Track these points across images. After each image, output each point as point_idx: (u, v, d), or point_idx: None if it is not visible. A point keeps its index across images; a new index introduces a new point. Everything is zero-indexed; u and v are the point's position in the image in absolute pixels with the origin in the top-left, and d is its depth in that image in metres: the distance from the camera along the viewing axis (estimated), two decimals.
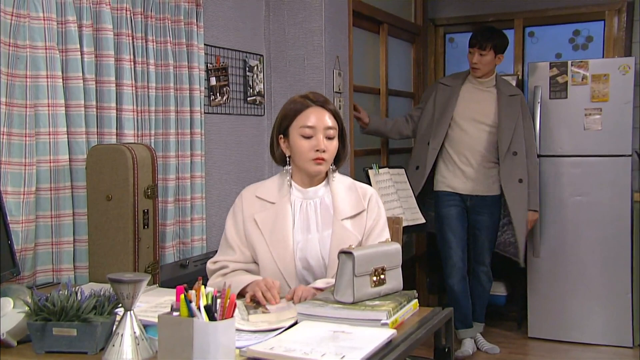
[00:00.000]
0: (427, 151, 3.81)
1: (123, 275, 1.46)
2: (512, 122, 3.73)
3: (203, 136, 3.04)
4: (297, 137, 2.04)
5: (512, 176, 3.74)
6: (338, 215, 2.08)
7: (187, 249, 2.99)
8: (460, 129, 3.77)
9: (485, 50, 3.71)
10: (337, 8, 3.66)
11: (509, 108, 3.75)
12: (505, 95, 3.77)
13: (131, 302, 1.47)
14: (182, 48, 2.88)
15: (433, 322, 1.84)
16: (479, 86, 3.82)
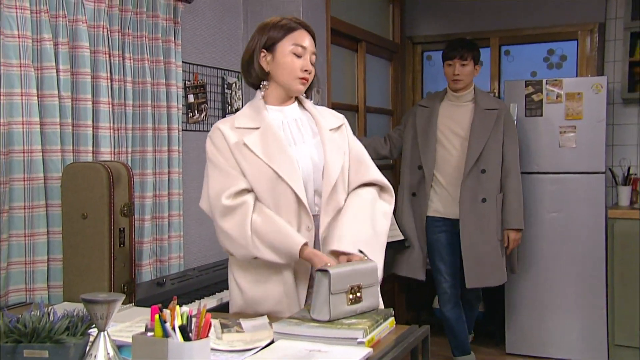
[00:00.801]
0: (420, 176, 3.73)
1: (97, 295, 1.44)
2: (482, 137, 3.59)
3: (181, 153, 3.03)
4: (288, 54, 2.01)
5: (474, 195, 3.61)
6: (322, 127, 2.07)
7: (164, 267, 2.96)
8: (444, 148, 3.70)
9: (467, 60, 3.63)
10: (315, 26, 3.67)
11: (482, 122, 3.62)
12: (481, 109, 3.65)
13: (105, 323, 1.45)
14: (159, 65, 2.88)
15: (409, 340, 1.84)
16: (457, 102, 3.72)
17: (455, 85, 3.67)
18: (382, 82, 4.85)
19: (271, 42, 2.03)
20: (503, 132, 3.64)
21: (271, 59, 2.03)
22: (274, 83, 2.06)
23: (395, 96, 4.95)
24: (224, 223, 1.96)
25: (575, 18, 4.47)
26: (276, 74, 2.03)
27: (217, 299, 2.73)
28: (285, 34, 2.03)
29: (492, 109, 3.66)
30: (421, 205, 3.72)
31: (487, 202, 3.60)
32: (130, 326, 1.76)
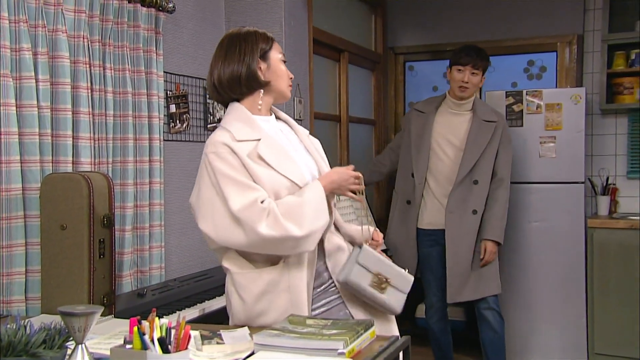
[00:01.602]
0: (413, 184, 3.62)
1: (74, 307, 1.43)
2: (478, 148, 3.49)
3: (162, 163, 3.02)
4: (279, 62, 2.06)
5: (464, 205, 3.50)
6: (302, 135, 2.16)
7: (145, 278, 2.94)
8: (438, 158, 3.58)
9: (478, 70, 3.49)
10: (298, 36, 3.70)
11: (479, 134, 3.51)
12: (479, 120, 3.53)
13: (83, 335, 1.44)
14: (140, 76, 2.87)
15: (390, 351, 1.84)
16: (456, 109, 3.58)
17: (462, 93, 3.51)
18: (364, 92, 4.87)
19: (263, 52, 2.04)
20: (499, 144, 3.55)
21: (266, 67, 2.04)
22: (267, 93, 2.06)
23: (377, 106, 4.98)
24: (264, 230, 1.86)
25: (555, 30, 4.53)
26: (274, 83, 2.05)
27: (199, 310, 2.72)
28: (271, 43, 2.07)
29: (490, 120, 3.56)
30: (414, 214, 3.63)
31: (477, 213, 3.49)
32: (109, 338, 1.74)
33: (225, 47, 2.07)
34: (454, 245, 3.50)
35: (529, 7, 4.60)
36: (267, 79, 2.04)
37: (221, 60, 2.05)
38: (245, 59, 2.01)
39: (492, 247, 3.54)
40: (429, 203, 3.59)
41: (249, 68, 2.01)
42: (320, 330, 1.85)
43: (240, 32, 2.09)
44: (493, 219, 3.52)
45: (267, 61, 2.04)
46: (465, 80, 3.46)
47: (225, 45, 2.07)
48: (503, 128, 3.58)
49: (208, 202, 1.94)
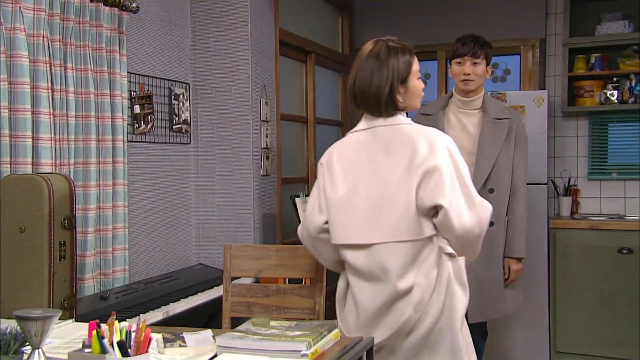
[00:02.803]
0: None
1: (31, 311, 1.41)
2: (493, 151, 3.07)
3: (126, 165, 2.99)
4: (416, 80, 2.12)
5: None
6: None
7: (108, 280, 2.91)
8: None
9: (479, 59, 3.08)
10: (264, 37, 3.70)
11: (492, 134, 3.09)
12: (490, 119, 3.10)
13: (40, 340, 1.41)
14: (103, 76, 2.84)
15: (354, 352, 1.85)
16: (465, 108, 3.14)
17: (466, 86, 3.09)
18: (331, 93, 4.89)
19: (404, 76, 2.09)
20: (514, 146, 3.12)
21: (404, 91, 2.11)
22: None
23: (344, 108, 4.99)
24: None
25: (518, 33, 4.60)
26: (410, 102, 2.15)
27: (163, 312, 2.70)
28: (412, 64, 2.12)
29: (503, 118, 3.13)
30: None
31: (494, 225, 3.04)
32: (69, 343, 1.72)
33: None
34: (472, 262, 3.17)
35: (493, 11, 4.66)
36: (402, 100, 2.11)
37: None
38: (391, 84, 2.09)
39: (517, 265, 3.15)
40: None
41: (387, 94, 2.09)
42: (284, 332, 1.86)
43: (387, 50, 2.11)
44: (514, 233, 3.13)
45: (406, 84, 2.10)
46: (467, 71, 3.07)
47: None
48: (517, 126, 3.15)
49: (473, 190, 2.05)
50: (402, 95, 2.09)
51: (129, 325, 1.46)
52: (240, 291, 2.57)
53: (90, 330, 1.39)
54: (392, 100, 2.06)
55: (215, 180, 3.65)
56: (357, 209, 2.07)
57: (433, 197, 1.99)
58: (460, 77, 3.09)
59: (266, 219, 3.72)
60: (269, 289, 2.55)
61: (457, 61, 3.11)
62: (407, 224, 2.02)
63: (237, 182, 3.61)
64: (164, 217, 3.43)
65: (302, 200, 3.56)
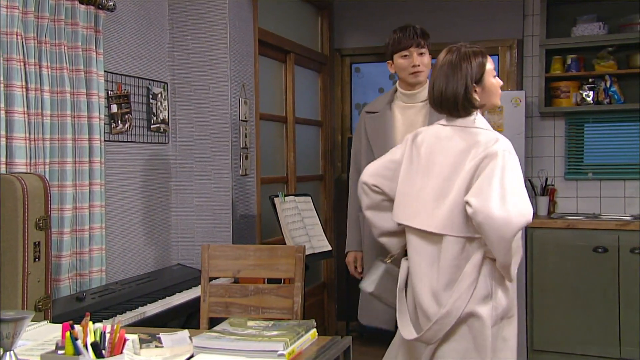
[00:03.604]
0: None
1: (3, 313, 1.39)
2: None
3: (103, 165, 2.96)
4: (492, 79, 2.29)
5: None
6: None
7: (84, 281, 2.88)
8: None
9: (424, 49, 2.97)
10: (243, 37, 3.69)
11: None
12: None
13: (11, 342, 1.39)
14: (79, 75, 2.81)
15: (331, 352, 1.85)
16: (410, 101, 3.01)
17: (417, 78, 2.96)
18: (311, 93, 4.88)
19: (479, 75, 2.27)
20: None
21: (480, 90, 2.28)
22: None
23: (324, 107, 5.00)
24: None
25: (496, 34, 4.64)
26: (489, 100, 2.32)
27: (140, 313, 2.68)
28: (486, 62, 2.31)
29: None
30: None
31: None
32: (42, 344, 1.70)
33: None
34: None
35: (471, 12, 4.70)
36: (479, 99, 2.27)
37: None
38: (467, 84, 2.26)
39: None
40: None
41: (463, 95, 2.26)
42: (261, 332, 1.85)
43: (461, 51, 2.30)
44: None
45: (482, 83, 2.27)
46: (416, 63, 2.94)
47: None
48: None
49: (512, 189, 2.12)
50: (479, 94, 2.26)
51: (103, 326, 1.45)
52: (218, 291, 2.56)
53: (63, 332, 1.38)
54: (469, 100, 2.23)
55: (194, 180, 3.63)
56: (420, 196, 2.26)
57: (469, 195, 2.13)
58: (409, 70, 2.95)
59: (245, 219, 3.71)
60: (247, 289, 2.54)
61: (402, 54, 2.96)
62: (455, 220, 2.17)
63: (216, 182, 3.60)
64: (142, 217, 3.41)
65: (280, 200, 3.56)
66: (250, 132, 3.76)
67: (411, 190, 2.30)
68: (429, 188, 2.25)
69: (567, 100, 4.41)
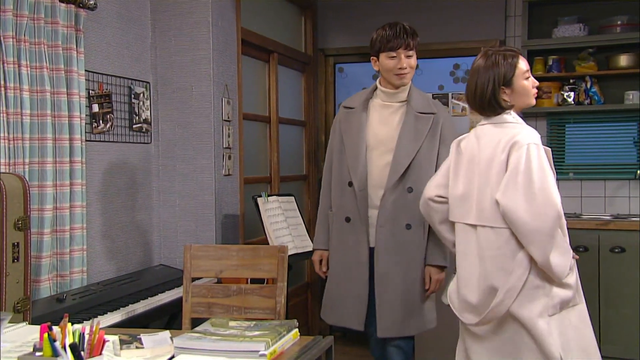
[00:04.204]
0: (352, 196, 2.86)
1: None
2: (412, 147, 2.82)
3: (84, 164, 2.94)
4: (523, 81, 2.35)
5: (396, 219, 2.81)
6: None
7: (65, 282, 2.85)
8: (375, 161, 2.86)
9: (412, 50, 2.84)
10: (225, 36, 3.68)
11: (414, 129, 2.84)
12: (413, 112, 2.85)
13: None
14: (60, 74, 2.78)
15: (313, 352, 1.85)
16: (389, 100, 2.90)
17: (402, 80, 2.85)
18: (294, 93, 4.88)
19: (509, 77, 2.36)
20: (439, 143, 2.87)
21: (510, 91, 2.35)
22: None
23: (307, 107, 5.00)
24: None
25: (479, 35, 4.67)
26: (520, 100, 2.37)
27: (122, 314, 2.66)
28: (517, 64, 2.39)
29: (427, 112, 2.87)
30: (358, 233, 2.86)
31: (411, 229, 2.82)
32: (20, 346, 1.68)
33: None
34: (384, 266, 2.83)
35: (454, 13, 4.72)
36: (509, 99, 2.36)
37: None
38: (495, 86, 2.35)
39: (438, 274, 2.87)
40: (372, 216, 2.88)
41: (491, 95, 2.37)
42: (243, 332, 1.85)
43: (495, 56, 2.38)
44: (434, 239, 2.81)
45: (512, 86, 2.34)
46: (403, 65, 2.82)
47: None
48: (444, 121, 2.91)
49: (543, 190, 2.20)
50: (509, 96, 2.33)
51: (82, 327, 1.43)
52: (201, 292, 2.55)
53: (41, 333, 1.37)
54: (497, 101, 2.32)
55: (177, 180, 3.61)
56: (468, 194, 2.36)
57: (498, 193, 2.24)
58: (395, 72, 2.84)
59: (228, 219, 3.70)
60: (230, 289, 2.54)
61: (390, 55, 2.83)
62: (495, 212, 2.26)
63: (199, 182, 3.58)
64: (124, 218, 3.39)
65: (263, 200, 3.55)
66: (233, 132, 3.75)
67: (458, 191, 2.40)
68: (473, 184, 2.35)
69: (549, 101, 4.45)
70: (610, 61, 4.33)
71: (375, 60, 2.90)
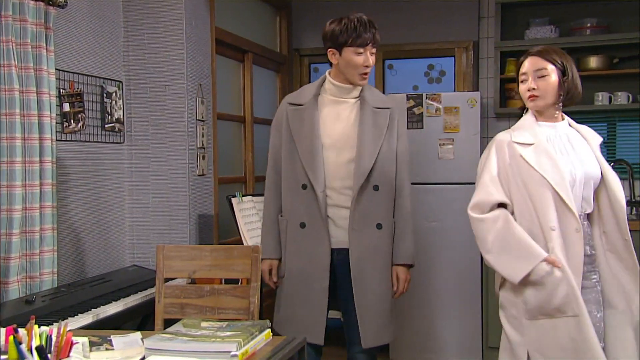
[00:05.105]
0: (308, 199, 2.68)
1: None
2: (375, 144, 2.68)
3: (54, 164, 2.89)
4: (521, 83, 2.55)
5: (367, 220, 2.69)
6: (591, 144, 2.60)
7: (34, 283, 2.81)
8: (330, 162, 2.70)
9: (376, 47, 2.69)
10: (200, 36, 3.65)
11: (374, 125, 2.70)
12: (370, 108, 2.70)
13: None
14: (29, 72, 2.74)
15: (285, 352, 1.85)
16: (342, 96, 2.73)
17: (364, 80, 2.70)
18: (269, 93, 4.87)
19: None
20: (397, 136, 2.77)
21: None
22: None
23: None
24: None
25: (452, 35, 4.71)
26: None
27: (93, 315, 2.63)
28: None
29: (384, 107, 2.75)
30: (317, 237, 2.69)
31: (382, 229, 2.71)
32: None
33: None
34: (360, 270, 2.69)
35: (428, 13, 4.75)
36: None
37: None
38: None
39: (406, 273, 2.78)
40: (334, 218, 2.72)
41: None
42: (215, 333, 1.85)
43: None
44: (401, 237, 2.78)
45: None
46: (370, 63, 2.66)
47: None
48: (399, 116, 2.81)
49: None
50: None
51: (49, 329, 1.41)
52: (174, 292, 2.54)
53: (7, 336, 1.35)
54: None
55: (150, 180, 3.58)
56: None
57: None
58: (361, 70, 2.65)
59: (202, 220, 3.67)
60: (203, 290, 2.53)
61: (358, 51, 2.64)
62: None
63: (172, 182, 3.56)
64: (96, 218, 3.35)
65: (238, 200, 3.54)
66: (207, 131, 3.73)
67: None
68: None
69: (521, 101, 4.48)
70: (581, 63, 4.38)
71: (334, 53, 2.68)
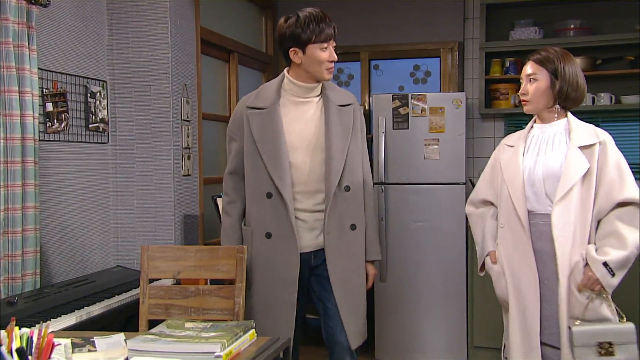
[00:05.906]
0: (274, 208, 2.56)
1: None
2: (344, 143, 2.59)
3: (37, 165, 2.87)
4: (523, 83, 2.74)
5: (341, 223, 2.60)
6: (573, 144, 2.54)
7: (16, 285, 2.79)
8: (297, 165, 2.57)
9: (335, 41, 2.60)
10: (184, 36, 3.64)
11: (340, 124, 2.60)
12: (334, 106, 2.61)
13: None
14: (11, 72, 2.71)
15: (269, 352, 1.85)
16: (304, 95, 2.61)
17: (331, 74, 2.60)
18: None
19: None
20: (360, 132, 2.70)
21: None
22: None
23: None
24: None
25: (438, 36, 4.72)
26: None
27: (77, 316, 2.61)
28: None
29: (347, 104, 2.66)
30: (285, 248, 2.57)
31: (357, 229, 2.65)
32: None
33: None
34: (339, 275, 2.63)
35: (414, 14, 4.77)
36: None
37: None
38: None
39: (374, 269, 2.77)
40: (301, 224, 2.60)
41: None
42: (199, 333, 1.84)
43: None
44: (369, 234, 2.73)
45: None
46: (334, 58, 2.57)
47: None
48: (359, 113, 2.72)
49: None
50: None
51: (31, 331, 1.40)
52: (158, 293, 2.52)
53: None
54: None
55: (135, 181, 3.56)
56: None
57: None
58: (327, 65, 2.55)
59: (187, 220, 3.66)
60: (188, 291, 2.51)
61: (322, 47, 2.53)
62: None
63: (157, 183, 3.54)
64: (80, 218, 3.33)
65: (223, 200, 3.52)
66: (192, 131, 3.71)
67: None
68: None
69: (506, 102, 4.52)
70: None
71: (296, 52, 2.53)
